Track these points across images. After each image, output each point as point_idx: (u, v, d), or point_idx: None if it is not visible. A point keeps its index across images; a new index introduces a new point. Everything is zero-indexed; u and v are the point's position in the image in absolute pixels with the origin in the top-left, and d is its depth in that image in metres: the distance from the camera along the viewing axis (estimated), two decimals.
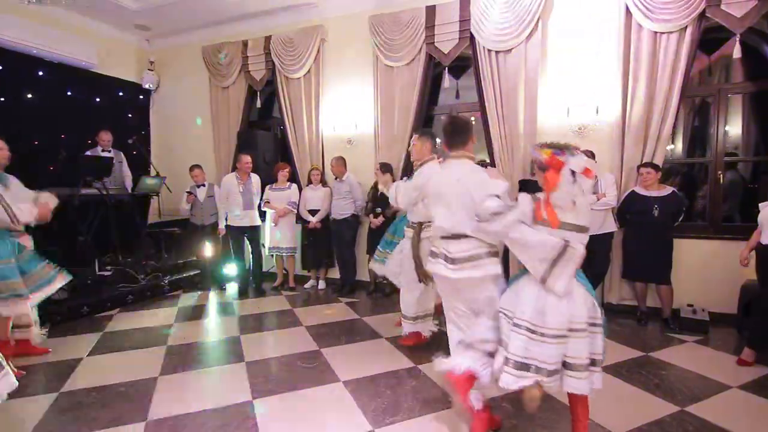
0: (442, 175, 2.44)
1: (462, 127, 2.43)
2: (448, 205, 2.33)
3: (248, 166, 5.17)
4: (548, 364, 1.89)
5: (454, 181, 2.33)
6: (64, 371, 3.10)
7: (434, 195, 2.45)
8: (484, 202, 2.12)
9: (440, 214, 2.39)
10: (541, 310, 1.92)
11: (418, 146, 3.22)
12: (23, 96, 5.15)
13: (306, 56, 5.40)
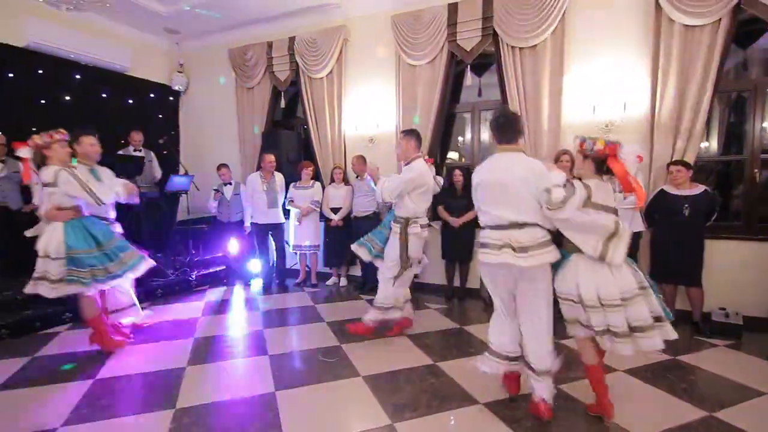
0: (496, 167, 2.43)
1: (513, 122, 2.50)
2: (514, 195, 2.35)
3: (271, 165, 5.28)
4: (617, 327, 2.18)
5: (516, 173, 2.35)
6: (99, 360, 3.26)
7: (489, 187, 2.43)
8: (552, 192, 2.24)
9: (499, 205, 2.39)
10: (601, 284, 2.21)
11: (404, 145, 3.46)
12: (61, 98, 5.41)
13: (329, 56, 5.47)
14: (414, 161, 3.43)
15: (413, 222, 3.43)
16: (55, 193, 3.02)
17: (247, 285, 5.62)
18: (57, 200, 3.05)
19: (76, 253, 3.05)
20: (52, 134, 3.08)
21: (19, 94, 4.98)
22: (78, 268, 3.04)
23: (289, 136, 5.96)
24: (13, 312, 3.86)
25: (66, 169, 3.03)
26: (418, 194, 3.44)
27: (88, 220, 3.19)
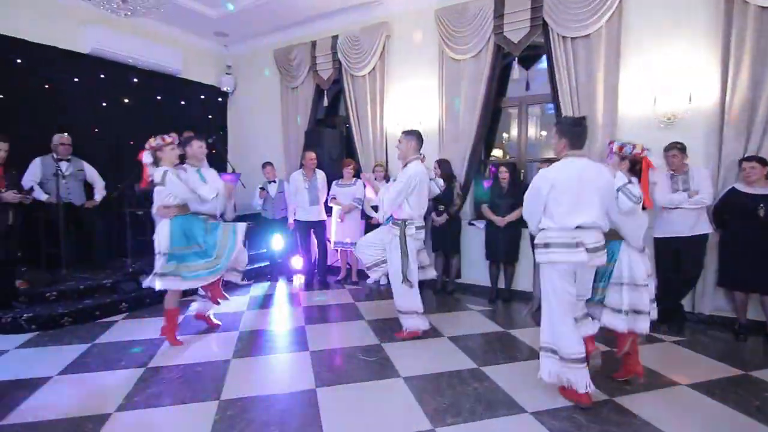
0: (571, 172, 2.50)
1: (585, 129, 2.70)
2: (587, 199, 2.48)
3: (313, 163, 5.33)
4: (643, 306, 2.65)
5: (589, 178, 2.49)
6: (151, 349, 3.41)
7: (564, 190, 2.48)
8: (629, 191, 2.53)
9: (572, 208, 2.47)
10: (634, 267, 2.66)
11: (404, 145, 3.49)
12: (121, 101, 5.74)
13: (371, 54, 5.45)
14: (410, 163, 3.46)
15: (409, 224, 3.45)
16: (163, 191, 3.25)
17: (290, 281, 5.71)
18: (164, 199, 3.29)
19: (178, 249, 3.27)
20: (165, 137, 3.31)
21: (83, 97, 5.33)
22: (178, 263, 3.26)
23: (331, 134, 6.00)
24: (76, 301, 4.13)
25: (172, 170, 3.25)
26: (413, 196, 3.44)
27: (191, 217, 3.38)
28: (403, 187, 3.41)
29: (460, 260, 5.10)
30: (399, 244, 3.46)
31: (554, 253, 2.48)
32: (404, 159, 3.54)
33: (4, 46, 4.66)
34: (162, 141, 3.32)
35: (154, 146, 3.33)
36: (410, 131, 3.59)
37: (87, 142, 5.14)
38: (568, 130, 2.57)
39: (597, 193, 2.48)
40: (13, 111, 4.69)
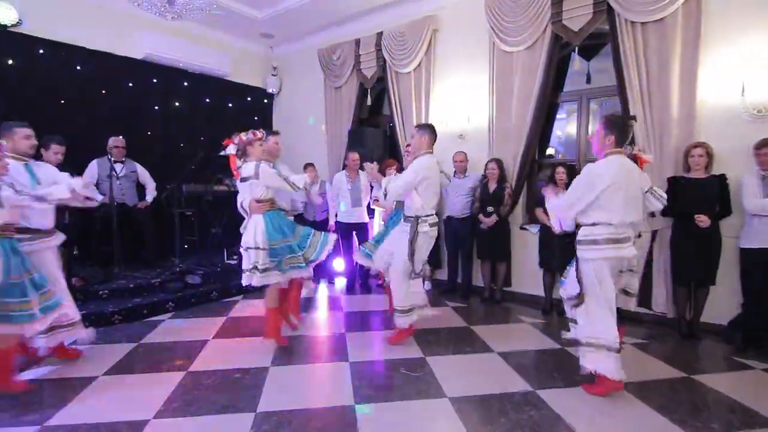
0: (622, 169, 2.55)
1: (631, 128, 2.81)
2: (633, 196, 2.59)
3: (356, 163, 5.19)
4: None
5: (634, 176, 2.61)
6: (193, 352, 3.39)
7: (620, 188, 2.52)
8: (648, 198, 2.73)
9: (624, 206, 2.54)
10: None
11: (416, 139, 3.37)
12: (172, 104, 5.90)
13: (417, 49, 5.23)
14: (421, 157, 3.34)
15: (422, 220, 3.28)
16: (258, 185, 3.23)
17: (331, 283, 5.62)
18: (257, 193, 3.25)
19: (276, 243, 3.23)
20: (255, 132, 3.32)
21: (137, 101, 5.52)
22: (275, 258, 3.22)
23: (374, 134, 5.83)
24: (126, 299, 4.23)
25: (265, 162, 3.24)
26: (423, 187, 3.29)
27: (280, 212, 3.38)
28: (411, 178, 3.25)
29: (510, 267, 4.77)
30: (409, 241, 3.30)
31: (608, 249, 2.53)
32: (415, 154, 3.40)
33: (66, 55, 4.90)
34: (252, 136, 3.28)
35: (245, 141, 3.30)
36: (424, 125, 3.46)
37: (140, 145, 5.31)
38: (618, 126, 2.58)
39: (640, 192, 2.65)
40: (73, 115, 4.92)
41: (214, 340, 3.67)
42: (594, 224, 2.57)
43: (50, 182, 3.03)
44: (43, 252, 3.01)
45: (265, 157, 3.37)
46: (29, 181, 2.95)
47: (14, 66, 4.53)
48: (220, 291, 4.90)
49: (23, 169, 2.97)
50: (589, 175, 2.56)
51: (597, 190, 2.50)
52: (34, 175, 3.02)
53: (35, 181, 2.99)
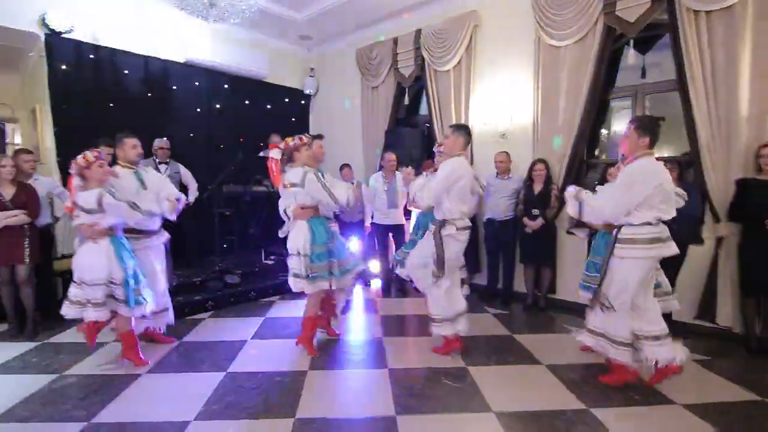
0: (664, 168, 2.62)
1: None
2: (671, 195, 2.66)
3: (392, 164, 5.09)
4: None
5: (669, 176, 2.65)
6: (232, 352, 3.40)
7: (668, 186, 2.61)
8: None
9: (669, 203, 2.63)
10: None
11: (451, 140, 3.21)
12: (213, 106, 6.01)
13: (457, 46, 5.07)
14: (453, 158, 3.18)
15: (449, 223, 3.12)
16: (303, 194, 3.18)
17: (367, 285, 5.55)
18: (301, 199, 3.21)
19: (318, 248, 3.20)
20: (302, 137, 3.27)
21: (180, 103, 5.66)
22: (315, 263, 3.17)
23: (412, 134, 5.72)
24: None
25: (312, 171, 3.20)
26: (454, 194, 3.12)
27: (323, 219, 3.33)
28: (442, 182, 3.09)
29: (555, 273, 4.53)
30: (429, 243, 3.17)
31: (656, 248, 2.59)
32: (449, 156, 3.24)
33: (114, 59, 5.07)
34: (299, 141, 3.24)
35: (291, 147, 3.26)
36: (459, 126, 3.31)
37: (182, 146, 5.43)
38: (652, 128, 2.62)
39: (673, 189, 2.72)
40: (121, 118, 5.08)
41: (252, 341, 3.67)
42: (644, 224, 2.58)
43: (156, 188, 3.31)
44: (147, 249, 3.28)
45: (311, 162, 3.31)
46: (137, 187, 3.21)
47: (67, 71, 4.72)
48: (258, 291, 4.93)
49: (132, 176, 3.24)
50: (642, 173, 2.57)
51: (650, 188, 2.53)
52: (142, 181, 3.27)
53: (143, 187, 3.25)
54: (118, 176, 3.10)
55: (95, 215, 2.83)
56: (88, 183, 2.90)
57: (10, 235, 3.60)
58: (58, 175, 4.62)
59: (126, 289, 2.92)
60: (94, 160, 2.87)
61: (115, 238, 2.95)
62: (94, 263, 2.85)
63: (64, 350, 3.45)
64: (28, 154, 3.96)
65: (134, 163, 3.30)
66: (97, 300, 2.85)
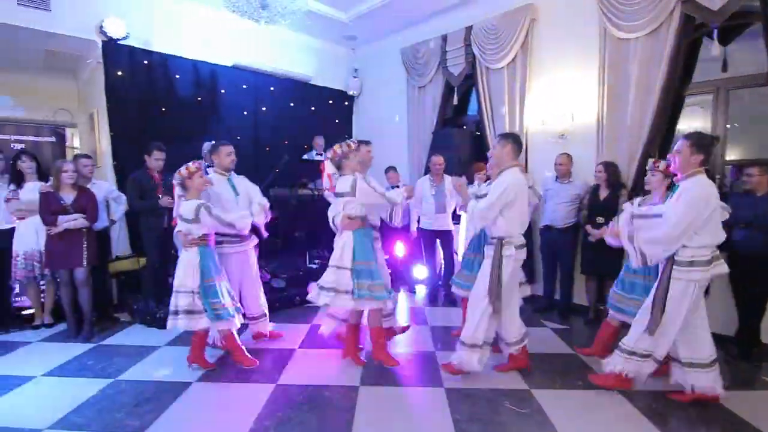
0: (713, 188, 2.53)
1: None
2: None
3: (440, 167, 4.87)
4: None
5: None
6: (280, 361, 3.31)
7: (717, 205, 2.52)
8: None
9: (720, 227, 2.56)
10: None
11: (498, 151, 2.99)
12: (259, 109, 6.02)
13: (511, 42, 4.79)
14: (507, 171, 2.92)
15: (507, 243, 2.90)
16: (353, 202, 3.04)
17: (412, 292, 5.37)
18: (351, 210, 3.06)
19: (360, 264, 3.04)
20: (350, 143, 3.15)
21: (228, 107, 5.70)
22: (361, 280, 3.01)
23: (461, 135, 5.48)
24: None
25: (361, 177, 3.07)
26: (510, 211, 2.89)
27: (370, 230, 3.19)
28: (496, 200, 2.85)
29: None
30: (491, 265, 2.91)
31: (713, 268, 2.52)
32: (498, 167, 2.99)
33: (166, 64, 5.16)
34: (347, 148, 3.12)
35: (340, 154, 3.14)
36: (506, 134, 3.05)
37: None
38: (708, 148, 2.53)
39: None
40: (172, 122, 5.17)
41: (300, 350, 3.58)
42: (701, 246, 2.51)
43: (246, 194, 3.45)
44: (239, 255, 3.42)
45: (359, 168, 3.18)
46: (231, 193, 3.36)
47: (122, 77, 4.84)
48: (303, 296, 4.84)
49: (226, 183, 3.38)
50: (703, 195, 2.46)
51: (710, 209, 2.46)
52: (234, 187, 3.41)
53: (235, 192, 3.39)
54: (213, 184, 3.22)
55: (192, 225, 2.97)
56: (188, 192, 3.05)
57: (69, 238, 3.68)
58: (114, 179, 4.75)
59: (203, 301, 2.97)
60: (195, 171, 3.01)
61: (203, 249, 3.03)
62: (184, 271, 2.99)
63: (119, 353, 3.48)
64: (87, 158, 4.07)
65: (228, 170, 3.41)
66: (186, 308, 2.95)
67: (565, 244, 4.31)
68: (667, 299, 2.57)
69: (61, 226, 3.64)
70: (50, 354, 3.44)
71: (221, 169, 3.41)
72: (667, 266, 2.59)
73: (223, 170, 3.41)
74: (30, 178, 3.92)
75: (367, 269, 3.05)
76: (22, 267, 3.85)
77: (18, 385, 2.91)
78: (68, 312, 3.86)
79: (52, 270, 3.88)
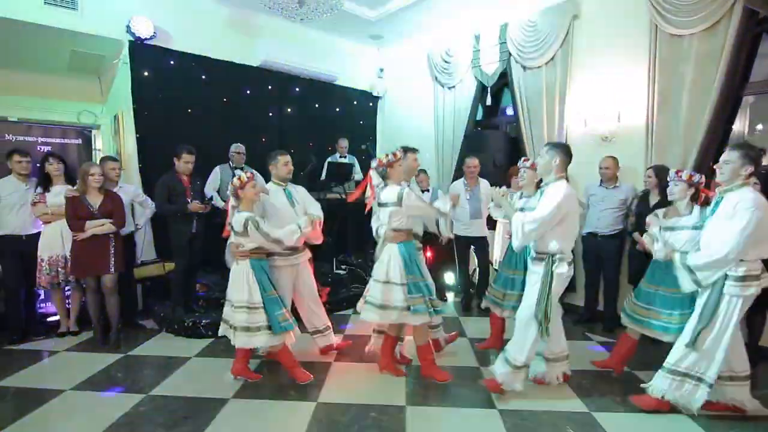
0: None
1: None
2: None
3: (474, 170, 4.66)
4: None
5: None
6: (318, 376, 3.12)
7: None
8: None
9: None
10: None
11: (545, 161, 2.75)
12: (284, 111, 5.88)
13: (552, 39, 4.58)
14: (554, 184, 2.71)
15: (559, 259, 2.68)
16: (399, 213, 2.90)
17: (443, 299, 5.15)
18: (396, 222, 2.91)
19: (412, 279, 2.89)
20: (396, 153, 3.01)
21: (255, 109, 5.56)
22: (413, 295, 2.87)
23: (495, 137, 5.28)
24: None
25: (407, 187, 2.94)
26: (562, 226, 2.68)
27: (414, 244, 3.03)
28: (549, 217, 2.61)
29: None
30: (541, 283, 2.70)
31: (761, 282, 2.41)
32: (545, 176, 2.78)
33: (194, 65, 5.03)
34: (393, 158, 2.96)
35: (384, 163, 2.98)
36: (556, 145, 2.80)
37: (256, 152, 5.30)
38: (757, 159, 2.42)
39: None
40: (198, 123, 5.04)
41: (336, 364, 3.39)
42: (755, 260, 2.40)
43: (303, 204, 3.34)
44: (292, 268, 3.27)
45: (405, 177, 3.03)
46: (287, 204, 3.24)
47: (149, 77, 4.72)
48: (331, 304, 4.67)
49: (282, 193, 3.26)
50: (761, 206, 2.32)
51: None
52: (291, 196, 3.29)
53: (292, 201, 3.27)
54: (268, 193, 3.14)
55: (241, 237, 2.88)
56: (241, 203, 2.94)
57: (96, 244, 3.55)
58: (139, 182, 4.62)
59: (269, 316, 2.87)
60: (248, 181, 2.92)
61: (254, 262, 2.93)
62: (236, 285, 2.91)
63: (149, 365, 3.34)
64: (114, 161, 3.94)
65: (285, 180, 3.31)
66: (244, 324, 2.84)
67: (611, 252, 4.08)
68: (715, 314, 2.42)
69: (89, 231, 3.51)
70: (77, 365, 3.30)
71: (278, 179, 3.30)
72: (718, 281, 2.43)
73: (280, 180, 3.30)
74: (57, 180, 3.81)
75: (420, 283, 2.91)
76: (47, 273, 3.72)
77: (46, 400, 2.76)
78: (95, 320, 3.73)
79: (78, 277, 3.75)
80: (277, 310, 2.91)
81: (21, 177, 3.76)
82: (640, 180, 4.01)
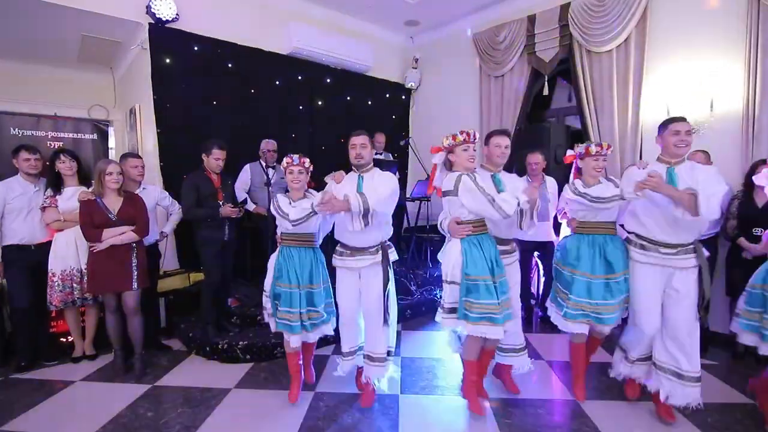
0: None
1: None
2: None
3: (537, 167, 4.14)
4: None
5: None
6: (358, 403, 2.63)
7: None
8: None
9: None
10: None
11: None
12: (315, 102, 5.36)
13: (624, 19, 4.06)
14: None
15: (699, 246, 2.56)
16: (455, 203, 2.47)
17: None
18: (456, 212, 2.50)
19: (473, 279, 2.40)
20: (456, 135, 2.52)
21: (283, 99, 5.05)
22: (471, 300, 2.38)
23: (557, 131, 4.75)
24: None
25: (469, 174, 2.44)
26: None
27: (486, 237, 2.54)
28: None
29: None
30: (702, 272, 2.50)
31: None
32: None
33: (217, 51, 4.51)
34: (453, 140, 2.50)
35: (446, 147, 2.54)
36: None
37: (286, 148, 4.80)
38: None
39: None
40: (225, 117, 4.53)
41: (403, 396, 2.85)
42: None
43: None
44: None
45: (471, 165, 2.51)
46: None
47: (170, 65, 4.21)
48: None
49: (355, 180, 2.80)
50: None
51: None
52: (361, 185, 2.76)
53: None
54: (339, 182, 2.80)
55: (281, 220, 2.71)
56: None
57: (115, 256, 3.01)
58: (161, 182, 4.10)
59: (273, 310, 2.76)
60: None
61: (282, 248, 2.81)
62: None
63: (182, 399, 2.81)
64: (136, 158, 3.41)
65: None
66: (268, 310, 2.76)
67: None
68: None
69: (106, 242, 2.99)
70: (98, 399, 2.79)
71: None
72: None
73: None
74: (70, 180, 3.29)
75: (480, 284, 2.38)
76: (59, 290, 3.20)
77: None
78: (115, 343, 3.21)
79: (95, 294, 3.24)
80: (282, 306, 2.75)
81: (29, 177, 3.25)
82: (734, 176, 3.48)
